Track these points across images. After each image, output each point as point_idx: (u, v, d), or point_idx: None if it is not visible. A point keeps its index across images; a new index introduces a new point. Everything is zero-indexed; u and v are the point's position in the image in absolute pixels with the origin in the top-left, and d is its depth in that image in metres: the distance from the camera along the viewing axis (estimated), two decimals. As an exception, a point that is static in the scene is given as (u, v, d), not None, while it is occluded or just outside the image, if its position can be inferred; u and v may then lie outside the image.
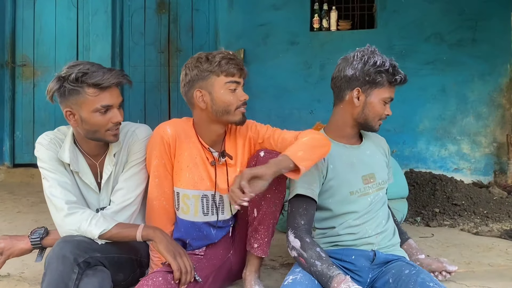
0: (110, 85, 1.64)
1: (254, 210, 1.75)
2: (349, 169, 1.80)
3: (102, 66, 1.68)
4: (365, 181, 1.81)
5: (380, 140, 1.96)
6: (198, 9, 4.88)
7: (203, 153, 1.81)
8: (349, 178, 1.79)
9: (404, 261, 1.71)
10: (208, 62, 1.72)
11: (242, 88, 1.79)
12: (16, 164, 4.84)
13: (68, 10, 4.86)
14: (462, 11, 4.33)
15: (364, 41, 4.50)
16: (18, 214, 3.28)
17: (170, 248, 1.63)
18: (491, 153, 4.34)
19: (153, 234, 1.65)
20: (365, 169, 1.82)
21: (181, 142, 1.78)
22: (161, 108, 4.91)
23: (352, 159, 1.81)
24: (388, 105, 1.81)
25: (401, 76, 1.78)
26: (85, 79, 1.61)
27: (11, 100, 4.84)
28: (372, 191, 1.80)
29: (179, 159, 1.79)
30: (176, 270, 1.59)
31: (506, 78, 4.31)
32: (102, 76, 1.62)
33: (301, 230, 1.67)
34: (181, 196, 1.81)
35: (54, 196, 1.66)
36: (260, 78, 4.55)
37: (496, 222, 3.09)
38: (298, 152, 1.62)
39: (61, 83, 1.62)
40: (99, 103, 1.63)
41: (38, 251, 1.83)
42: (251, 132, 1.85)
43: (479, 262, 2.28)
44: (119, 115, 1.68)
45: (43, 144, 1.73)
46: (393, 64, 1.78)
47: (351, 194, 1.78)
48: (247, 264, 1.81)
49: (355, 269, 1.71)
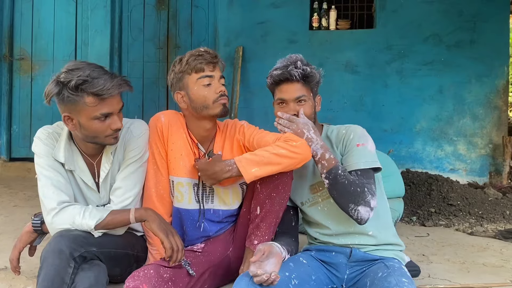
0: (111, 95, 1.59)
1: (257, 208, 1.76)
2: (298, 180, 1.83)
3: (104, 71, 1.61)
4: (313, 190, 1.83)
5: (342, 134, 1.81)
6: (197, 6, 4.88)
7: (190, 148, 1.85)
8: (297, 189, 1.84)
9: (383, 263, 1.68)
10: (180, 63, 1.80)
11: (221, 80, 1.81)
12: (12, 158, 4.83)
13: (67, 4, 4.84)
14: (461, 13, 4.34)
15: (363, 40, 4.56)
16: (14, 208, 3.28)
17: (162, 227, 1.65)
18: (487, 154, 4.36)
19: (145, 214, 1.67)
20: (312, 177, 1.83)
21: (173, 131, 1.83)
22: (159, 104, 4.91)
23: (301, 169, 1.78)
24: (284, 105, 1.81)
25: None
26: (85, 87, 1.54)
27: (8, 94, 4.82)
28: (322, 200, 1.81)
29: (172, 147, 1.83)
30: (169, 248, 1.62)
31: (503, 80, 4.33)
32: (103, 86, 1.55)
33: (276, 236, 1.82)
34: (176, 184, 1.85)
35: (46, 196, 1.64)
36: (258, 75, 4.54)
37: (491, 222, 3.11)
38: (251, 169, 1.65)
39: (60, 88, 1.56)
40: (98, 112, 1.59)
41: (38, 235, 1.81)
42: (238, 134, 1.87)
43: (474, 262, 2.30)
44: (119, 122, 1.65)
45: (41, 138, 1.71)
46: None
47: (302, 204, 1.85)
48: (245, 260, 1.82)
49: (332, 264, 1.75)
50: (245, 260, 1.82)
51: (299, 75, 1.77)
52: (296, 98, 1.79)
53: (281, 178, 1.72)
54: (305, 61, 1.83)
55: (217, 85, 1.80)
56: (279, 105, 1.82)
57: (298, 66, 1.78)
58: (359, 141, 1.75)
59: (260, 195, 1.75)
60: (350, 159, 1.73)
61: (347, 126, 1.83)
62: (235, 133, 1.88)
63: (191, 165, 1.84)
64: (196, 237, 1.90)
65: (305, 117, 1.76)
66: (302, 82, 1.80)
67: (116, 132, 1.67)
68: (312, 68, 1.83)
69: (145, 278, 1.56)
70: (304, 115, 1.77)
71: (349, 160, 1.74)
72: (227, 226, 1.93)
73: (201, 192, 1.86)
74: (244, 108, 4.50)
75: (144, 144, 1.81)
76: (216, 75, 1.80)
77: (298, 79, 1.78)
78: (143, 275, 1.57)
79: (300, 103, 1.79)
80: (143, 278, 1.56)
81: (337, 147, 1.80)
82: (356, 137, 1.77)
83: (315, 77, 1.82)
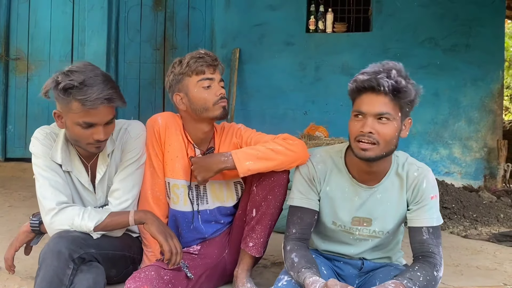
0: (94, 106, 1.53)
1: (253, 210, 1.77)
2: (342, 201, 1.64)
3: (102, 80, 1.55)
4: (355, 222, 1.64)
5: (414, 177, 1.60)
6: (194, 7, 4.89)
7: (186, 150, 1.84)
8: (337, 210, 1.64)
9: (392, 266, 1.68)
10: (180, 65, 1.79)
11: (221, 83, 1.81)
12: (7, 158, 4.81)
13: (64, 4, 4.83)
14: (457, 17, 4.37)
15: (359, 43, 4.57)
16: (9, 208, 3.27)
17: (161, 230, 1.65)
18: (482, 158, 4.39)
19: (144, 217, 1.67)
20: (360, 209, 1.63)
21: (170, 133, 1.82)
22: (155, 104, 4.91)
23: (354, 196, 1.63)
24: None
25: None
26: (73, 92, 1.52)
27: (4, 94, 4.80)
28: (358, 233, 1.65)
29: (168, 149, 1.83)
30: (168, 251, 1.62)
31: (498, 84, 4.37)
32: (89, 96, 1.51)
33: (289, 238, 1.64)
34: (172, 186, 1.85)
35: (44, 197, 1.63)
36: (255, 78, 4.57)
37: (485, 225, 3.13)
38: (246, 161, 1.66)
39: (54, 86, 1.56)
40: (81, 119, 1.56)
41: (36, 235, 1.81)
42: (236, 138, 1.87)
43: (467, 265, 2.31)
44: (102, 134, 1.59)
45: (39, 138, 1.70)
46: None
47: (332, 223, 1.67)
48: (240, 262, 1.82)
49: (342, 274, 1.72)
50: (240, 262, 1.82)
51: (389, 86, 1.45)
52: (378, 114, 1.47)
53: (277, 180, 1.73)
54: (404, 73, 1.49)
55: (217, 87, 1.79)
56: (355, 118, 1.51)
57: (391, 75, 1.46)
58: (432, 193, 1.57)
59: (256, 197, 1.75)
60: (424, 214, 1.56)
61: (419, 169, 1.60)
62: (232, 136, 1.88)
63: (187, 167, 1.84)
64: (192, 239, 1.90)
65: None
66: (391, 97, 1.46)
67: (99, 142, 1.62)
68: (409, 83, 1.48)
69: (146, 279, 1.56)
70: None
71: (422, 215, 1.56)
72: (223, 228, 1.93)
73: (195, 193, 1.86)
74: (240, 110, 4.50)
75: (142, 145, 1.80)
76: (216, 77, 1.80)
77: (387, 91, 1.45)
78: (145, 277, 1.57)
79: (380, 121, 1.47)
80: (144, 280, 1.56)
81: (406, 191, 1.60)
82: (429, 186, 1.58)
83: (409, 94, 1.48)
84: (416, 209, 1.58)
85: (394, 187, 1.61)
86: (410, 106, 1.52)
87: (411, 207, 1.60)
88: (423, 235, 1.54)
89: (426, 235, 1.54)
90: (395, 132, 1.49)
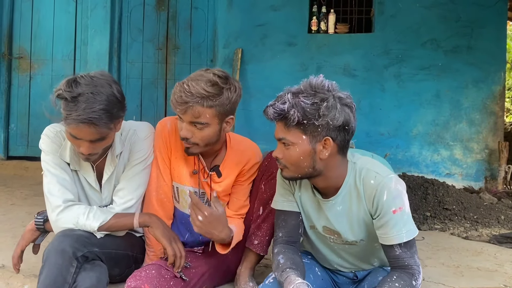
0: (74, 124, 1.51)
1: (260, 208, 1.79)
2: (313, 212, 1.62)
3: (99, 98, 1.50)
4: (326, 231, 1.61)
5: (372, 189, 1.48)
6: (197, 7, 4.89)
7: (192, 159, 1.81)
8: (310, 216, 1.63)
9: (380, 268, 1.67)
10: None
11: (191, 126, 1.65)
12: (10, 156, 4.83)
13: (67, 4, 4.85)
14: (459, 18, 4.38)
15: (361, 44, 4.57)
16: (11, 206, 3.28)
17: (166, 233, 1.66)
18: (483, 159, 4.39)
19: (149, 220, 1.69)
20: (329, 222, 1.59)
21: (178, 139, 1.79)
22: (158, 104, 4.92)
23: (319, 207, 1.60)
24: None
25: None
26: (62, 103, 1.51)
27: (6, 92, 4.82)
28: (332, 242, 1.63)
29: (176, 155, 1.82)
30: (172, 255, 1.63)
31: (499, 85, 4.37)
32: (68, 112, 1.49)
33: (277, 242, 1.64)
34: (180, 192, 1.85)
35: (52, 194, 1.66)
36: (256, 78, 4.57)
37: (486, 227, 3.14)
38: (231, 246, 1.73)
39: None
40: (67, 128, 1.56)
41: (41, 234, 1.81)
42: (246, 167, 1.83)
43: (468, 266, 2.32)
44: (85, 149, 1.56)
45: (49, 136, 1.71)
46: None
47: (311, 228, 1.66)
48: (244, 260, 1.84)
49: (338, 283, 1.74)
50: (244, 260, 1.84)
51: (274, 114, 1.54)
52: (279, 139, 1.52)
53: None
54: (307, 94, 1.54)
55: (180, 127, 1.68)
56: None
57: (276, 106, 1.55)
58: (394, 206, 1.44)
59: (264, 195, 1.77)
60: (390, 231, 1.44)
61: (377, 176, 1.48)
62: (246, 162, 1.83)
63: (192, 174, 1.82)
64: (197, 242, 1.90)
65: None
66: (284, 123, 1.50)
67: (84, 155, 1.60)
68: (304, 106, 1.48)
69: (147, 278, 1.57)
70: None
71: (389, 232, 1.45)
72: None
73: (204, 199, 1.84)
74: (242, 110, 4.51)
75: (150, 146, 1.80)
76: (185, 118, 1.65)
77: (277, 119, 1.53)
78: (145, 275, 1.58)
79: (285, 146, 1.50)
80: (145, 278, 1.57)
81: (365, 201, 1.50)
82: (390, 199, 1.45)
83: (296, 118, 1.46)
84: (380, 225, 1.47)
85: (352, 197, 1.53)
86: (318, 127, 1.42)
87: (375, 221, 1.49)
88: (395, 251, 1.46)
89: (398, 251, 1.45)
90: (300, 156, 1.44)
